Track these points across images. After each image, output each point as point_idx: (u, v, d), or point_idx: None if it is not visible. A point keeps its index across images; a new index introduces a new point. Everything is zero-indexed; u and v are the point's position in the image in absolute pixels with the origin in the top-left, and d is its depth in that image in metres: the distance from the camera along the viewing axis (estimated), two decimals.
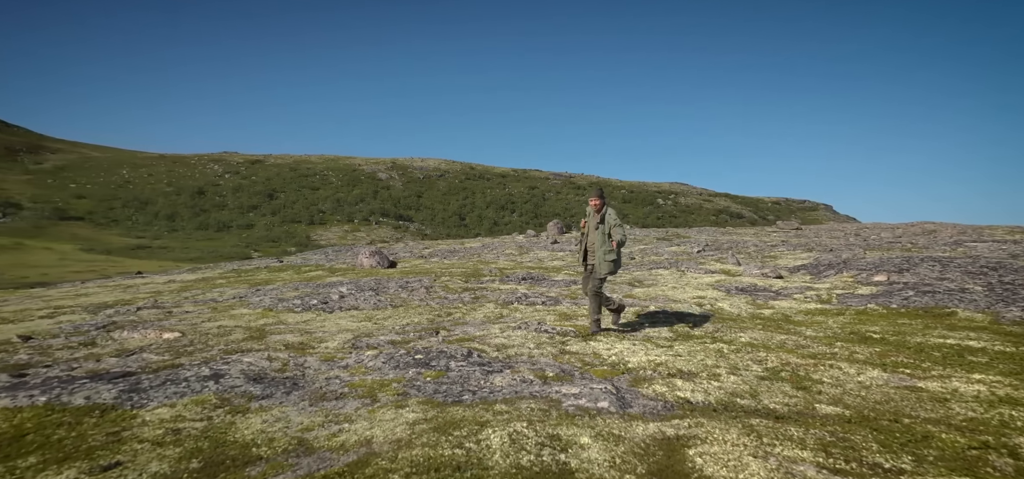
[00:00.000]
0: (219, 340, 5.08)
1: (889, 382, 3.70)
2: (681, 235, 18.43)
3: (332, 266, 12.27)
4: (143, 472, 2.59)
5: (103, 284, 10.78)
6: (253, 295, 7.85)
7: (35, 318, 6.70)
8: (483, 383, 3.91)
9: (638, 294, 7.67)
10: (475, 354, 4.55)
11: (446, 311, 6.61)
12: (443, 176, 74.69)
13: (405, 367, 4.17)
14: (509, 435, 2.92)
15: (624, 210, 66.59)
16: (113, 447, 2.85)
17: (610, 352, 4.70)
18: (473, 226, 61.56)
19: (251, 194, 59.51)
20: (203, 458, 2.75)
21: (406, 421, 3.13)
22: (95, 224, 45.95)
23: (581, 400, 3.57)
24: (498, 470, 2.57)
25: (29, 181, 49.83)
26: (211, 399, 3.51)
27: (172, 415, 3.26)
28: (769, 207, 73.86)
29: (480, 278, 9.45)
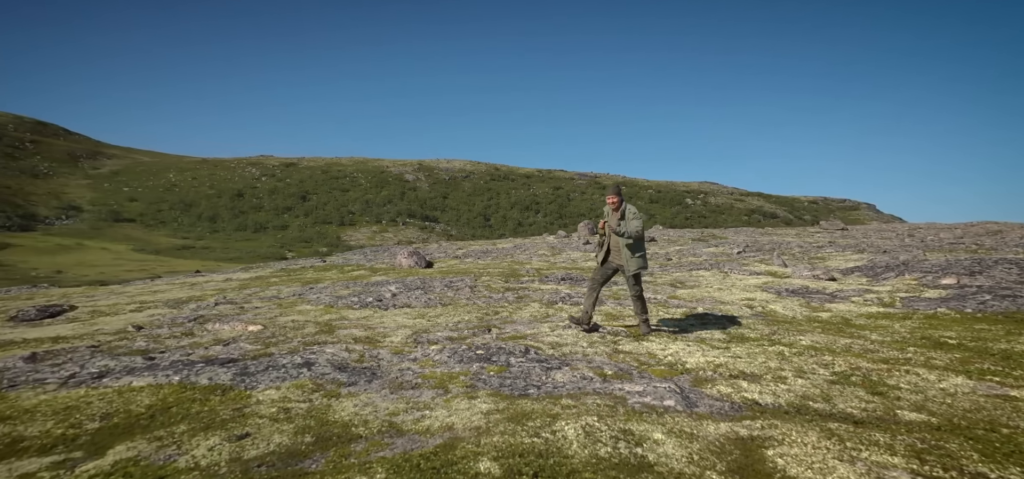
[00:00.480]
0: (296, 333, 5.44)
1: (977, 390, 3.53)
2: (717, 236, 17.95)
3: (372, 266, 12.69)
4: (269, 442, 2.94)
5: (170, 281, 11.58)
6: (310, 293, 8.25)
7: (127, 312, 7.32)
8: (545, 379, 4.00)
9: (683, 295, 7.57)
10: (532, 351, 4.65)
11: (493, 310, 6.75)
12: (468, 177, 75.50)
13: (469, 361, 4.33)
14: (583, 428, 2.99)
15: (651, 210, 65.28)
16: (240, 421, 3.23)
17: (665, 352, 4.68)
18: (498, 227, 61.93)
19: (286, 196, 62.03)
20: (313, 434, 3.06)
21: (480, 411, 3.28)
22: (145, 225, 49.15)
23: (646, 398, 3.60)
24: (579, 459, 2.66)
25: (88, 185, 53.86)
26: (308, 384, 3.83)
27: (279, 396, 3.61)
28: (806, 207, 70.66)
29: (519, 278, 9.56)
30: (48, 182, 51.48)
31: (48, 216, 43.83)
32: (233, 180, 64.04)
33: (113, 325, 6.32)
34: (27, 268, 31.55)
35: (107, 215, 47.52)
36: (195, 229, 52.14)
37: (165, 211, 52.71)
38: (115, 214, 48.28)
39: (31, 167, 53.35)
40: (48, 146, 60.25)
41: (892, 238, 15.15)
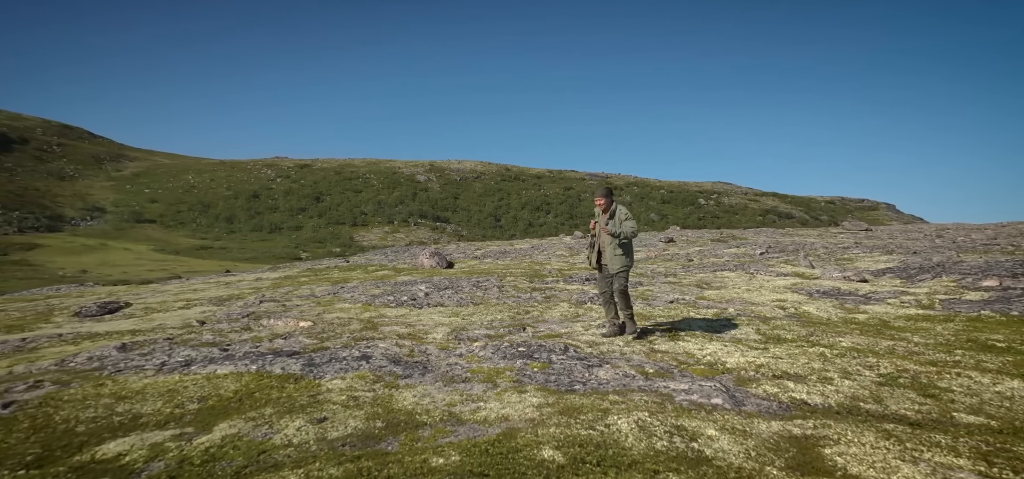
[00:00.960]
0: (343, 329, 5.63)
1: None
2: (737, 236, 17.75)
3: (395, 266, 12.87)
4: (346, 425, 3.16)
5: (206, 281, 11.93)
6: (343, 292, 8.45)
7: (176, 309, 7.60)
8: (588, 375, 4.09)
9: (711, 296, 7.54)
10: (571, 349, 4.73)
11: (524, 309, 6.83)
12: (479, 178, 75.70)
13: (512, 358, 4.44)
14: (635, 422, 3.06)
15: (664, 211, 64.73)
16: (316, 406, 3.45)
17: (703, 352, 4.70)
18: (508, 227, 62.02)
19: (300, 197, 62.95)
20: (383, 420, 3.26)
21: (532, 404, 3.39)
22: (165, 226, 50.37)
23: (693, 396, 3.64)
24: (637, 451, 2.72)
25: (112, 187, 55.38)
26: (368, 375, 4.03)
27: (346, 386, 3.82)
28: (822, 207, 69.31)
29: (543, 279, 9.62)
30: (73, 184, 53.13)
31: (74, 217, 45.25)
32: (249, 181, 65.23)
33: (171, 321, 6.61)
34: (54, 268, 32.63)
35: (129, 216, 48.84)
36: (213, 229, 53.25)
37: (184, 212, 53.95)
38: (137, 215, 49.59)
39: (58, 170, 55.12)
40: (73, 149, 62.19)
41: (920, 239, 14.84)
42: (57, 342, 5.50)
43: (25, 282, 27.91)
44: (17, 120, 63.30)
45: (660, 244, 15.85)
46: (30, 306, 8.79)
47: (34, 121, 65.57)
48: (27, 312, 8.01)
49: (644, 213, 62.65)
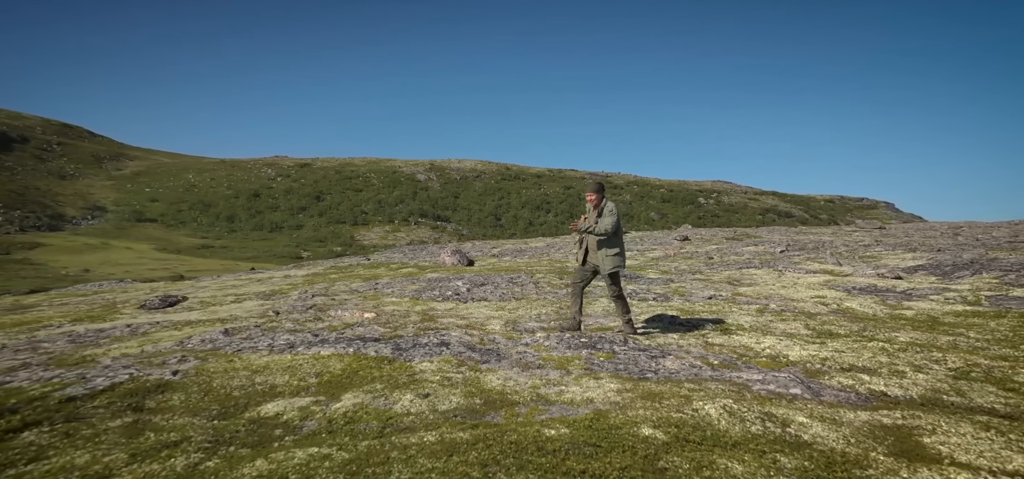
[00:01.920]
0: (405, 320, 5.75)
1: None
2: (751, 235, 17.87)
3: (417, 264, 12.87)
4: (449, 400, 3.34)
5: (238, 278, 11.96)
6: (384, 287, 8.53)
7: (228, 303, 7.64)
8: (655, 365, 4.15)
9: (747, 292, 7.59)
10: (630, 341, 4.80)
11: (567, 304, 6.86)
12: (479, 177, 75.66)
13: (576, 348, 4.51)
14: (722, 408, 3.10)
15: (664, 210, 64.97)
16: (417, 384, 3.64)
17: (760, 346, 4.74)
18: (508, 226, 62.06)
19: (300, 196, 62.66)
20: (479, 397, 3.42)
21: (611, 389, 3.48)
22: (166, 225, 50.00)
23: (769, 385, 3.68)
24: (734, 434, 2.76)
25: (112, 186, 54.91)
26: (452, 360, 4.18)
27: (435, 368, 3.98)
28: (821, 206, 69.82)
29: (565, 276, 9.65)
30: (74, 183, 52.63)
31: (75, 216, 44.83)
32: (250, 180, 64.85)
33: (238, 311, 6.71)
34: (57, 267, 32.32)
35: (130, 215, 48.46)
36: (214, 229, 52.92)
37: (185, 211, 53.57)
38: (138, 214, 49.20)
39: (58, 169, 54.59)
40: (73, 148, 61.59)
41: (937, 237, 14.98)
42: (157, 328, 5.73)
43: (29, 281, 27.62)
44: (17, 119, 62.63)
45: (676, 243, 15.93)
46: (86, 300, 8.79)
47: (34, 120, 64.91)
48: (94, 304, 8.08)
49: (644, 212, 62.85)
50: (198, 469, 2.56)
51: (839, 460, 2.51)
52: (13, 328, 6.18)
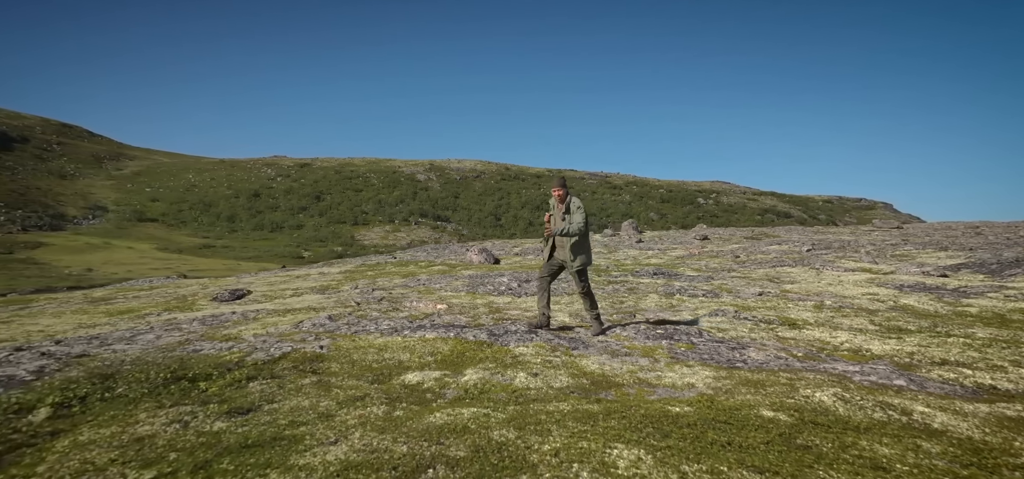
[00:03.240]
0: (475, 312, 5.98)
1: None
2: (769, 234, 18.06)
3: (445, 262, 12.92)
4: (558, 380, 3.60)
5: (275, 275, 12.22)
6: (431, 283, 8.73)
7: (288, 296, 7.82)
8: (738, 355, 4.34)
9: (795, 289, 7.66)
10: (705, 334, 5.03)
11: (619, 299, 7.01)
12: (479, 177, 75.65)
13: (655, 339, 4.76)
14: (833, 396, 3.23)
15: (663, 210, 65.37)
16: (522, 365, 3.93)
17: (836, 340, 4.76)
18: (509, 226, 62.05)
19: (300, 196, 62.25)
20: (585, 378, 3.66)
21: (704, 376, 3.68)
22: (167, 225, 49.47)
23: (870, 377, 3.70)
24: (857, 420, 2.77)
25: (112, 186, 54.25)
26: (544, 346, 4.41)
27: (533, 352, 4.23)
28: (820, 206, 70.61)
29: (609, 273, 9.74)
30: (74, 183, 51.92)
31: (76, 216, 44.25)
32: (250, 180, 64.35)
33: (305, 302, 6.88)
34: (61, 266, 31.89)
35: (131, 215, 47.90)
36: (215, 228, 52.44)
37: (186, 211, 53.04)
38: (139, 214, 48.66)
39: (59, 168, 53.85)
40: (73, 148, 60.76)
41: (960, 236, 15.20)
42: (259, 315, 5.94)
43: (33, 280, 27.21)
44: (16, 119, 61.68)
45: (696, 242, 16.05)
46: (153, 294, 8.89)
47: (33, 120, 63.95)
48: (166, 297, 8.26)
49: (644, 212, 63.15)
50: (393, 416, 3.03)
51: (983, 447, 2.51)
52: (122, 316, 6.46)
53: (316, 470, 2.36)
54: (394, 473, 2.32)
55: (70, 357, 3.96)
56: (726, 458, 2.40)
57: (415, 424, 2.86)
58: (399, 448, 2.55)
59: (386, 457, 2.47)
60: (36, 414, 3.00)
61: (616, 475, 2.23)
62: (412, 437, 2.68)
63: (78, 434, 2.78)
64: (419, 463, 2.41)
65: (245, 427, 2.88)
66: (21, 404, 3.11)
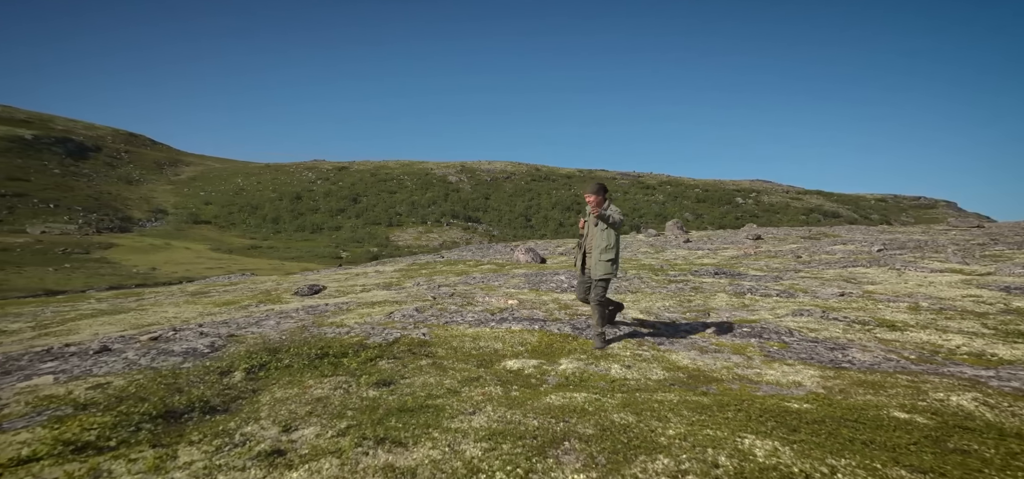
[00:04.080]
0: (546, 308, 6.15)
1: None
2: (827, 234, 17.15)
3: (493, 260, 13.12)
4: (652, 373, 3.76)
5: (345, 272, 12.81)
6: (489, 281, 8.95)
7: (358, 291, 8.29)
8: (842, 356, 4.13)
9: (879, 290, 7.25)
10: (796, 333, 4.93)
11: (686, 298, 6.92)
12: (509, 178, 75.95)
13: (741, 336, 4.76)
14: (974, 400, 2.98)
15: (699, 210, 63.25)
16: (613, 358, 4.05)
17: (949, 342, 4.48)
18: (539, 227, 61.91)
19: (338, 198, 64.68)
20: (680, 372, 3.77)
21: (809, 375, 3.63)
22: (219, 227, 52.78)
23: (1010, 382, 3.48)
24: (1013, 428, 2.64)
25: (172, 190, 58.56)
26: (630, 341, 4.55)
27: (620, 345, 4.44)
28: (872, 205, 66.18)
29: (666, 272, 9.57)
30: (139, 188, 56.47)
31: (141, 219, 48.08)
32: (292, 184, 67.54)
33: (376, 297, 7.27)
34: (129, 265, 34.67)
35: (187, 217, 51.47)
36: (261, 230, 55.39)
37: (235, 213, 56.38)
38: (194, 216, 52.20)
39: (126, 175, 58.80)
40: (138, 155, 66.18)
41: None
42: (354, 307, 6.35)
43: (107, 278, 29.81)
44: (91, 129, 67.98)
45: (748, 242, 15.45)
46: (236, 289, 9.59)
47: (105, 130, 70.21)
48: (252, 291, 8.92)
49: (678, 212, 61.30)
50: (510, 396, 3.25)
51: None
52: (227, 306, 7.07)
53: (469, 433, 2.66)
54: (534, 441, 2.55)
55: (226, 336, 4.54)
56: (876, 456, 2.34)
57: (534, 403, 3.08)
58: (530, 422, 2.79)
59: (522, 428, 2.71)
60: (234, 376, 3.67)
61: (756, 463, 2.26)
62: (537, 414, 2.90)
63: (272, 392, 3.37)
64: (554, 436, 2.61)
65: (393, 396, 3.27)
66: (221, 368, 3.81)
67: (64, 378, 3.65)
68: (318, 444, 2.57)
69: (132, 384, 3.45)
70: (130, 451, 2.57)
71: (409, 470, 2.31)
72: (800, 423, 2.70)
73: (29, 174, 47.73)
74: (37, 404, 3.18)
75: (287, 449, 2.55)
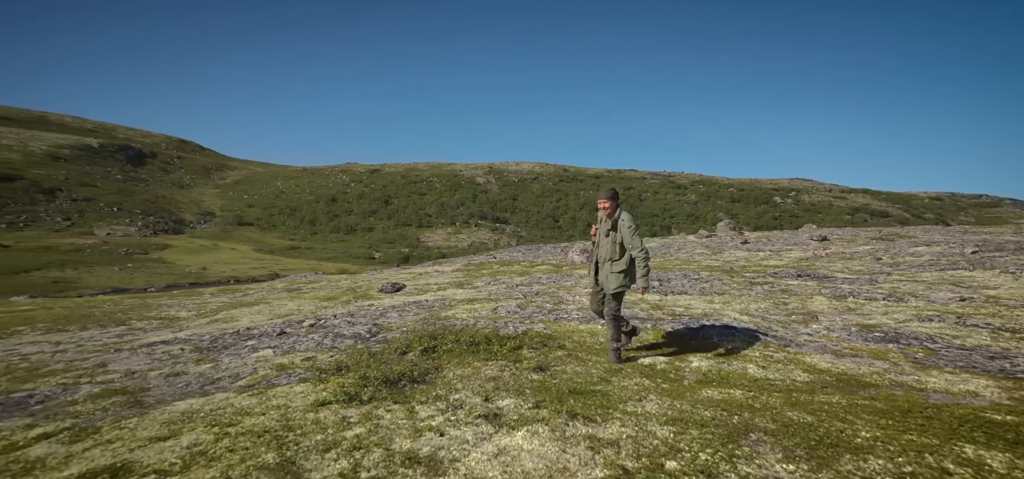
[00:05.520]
0: (636, 307, 6.19)
1: None
2: (900, 234, 16.12)
3: (546, 261, 13.11)
4: (793, 374, 3.71)
5: (409, 271, 13.14)
6: (556, 280, 9.09)
7: (435, 290, 8.55)
8: (1010, 366, 3.85)
9: (1007, 296, 6.68)
10: (938, 339, 4.56)
11: (780, 300, 6.73)
12: (537, 179, 75.76)
13: (873, 341, 4.59)
14: None
15: (733, 210, 61.07)
16: (745, 359, 4.12)
17: None
18: (567, 228, 61.38)
19: (371, 200, 66.32)
20: (828, 376, 3.66)
21: (985, 384, 3.43)
22: (261, 228, 55.16)
23: None
24: None
25: (218, 194, 61.79)
26: (757, 345, 4.51)
27: (743, 344, 4.49)
28: (926, 204, 62.08)
29: (742, 274, 9.28)
30: (189, 192, 59.93)
31: (192, 221, 50.93)
32: (327, 186, 69.81)
33: (467, 294, 7.52)
34: (182, 265, 36.71)
35: (232, 219, 54.08)
36: (299, 231, 57.48)
37: (276, 215, 58.78)
38: (239, 219, 54.80)
39: (178, 179, 62.58)
40: (189, 161, 70.35)
41: None
42: (457, 303, 6.64)
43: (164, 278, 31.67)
44: (148, 137, 72.89)
45: (813, 243, 14.72)
46: (322, 287, 10.04)
47: (160, 137, 75.08)
48: (341, 289, 9.34)
49: (711, 213, 59.37)
50: (661, 386, 3.35)
51: None
52: (330, 301, 7.38)
53: (649, 417, 2.80)
54: (718, 430, 2.62)
55: (372, 325, 4.94)
56: None
57: (693, 396, 3.17)
58: (702, 412, 2.85)
59: (697, 417, 2.79)
60: (411, 355, 4.10)
61: (994, 473, 2.18)
62: (705, 405, 2.97)
63: (451, 370, 3.75)
64: (734, 427, 2.65)
65: (554, 379, 3.48)
66: (399, 347, 4.23)
67: (279, 353, 4.29)
68: (522, 413, 2.92)
69: (336, 358, 4.05)
70: (381, 405, 3.12)
71: (611, 441, 2.54)
72: (1018, 437, 2.54)
73: (96, 180, 51.50)
74: (277, 369, 3.90)
75: (499, 414, 2.93)
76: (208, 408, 3.12)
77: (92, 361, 4.44)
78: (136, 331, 6.08)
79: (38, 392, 3.65)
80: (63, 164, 52.13)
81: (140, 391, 3.59)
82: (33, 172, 47.60)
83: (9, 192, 42.85)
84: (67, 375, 4.05)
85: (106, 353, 4.75)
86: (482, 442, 2.55)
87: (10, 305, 10.08)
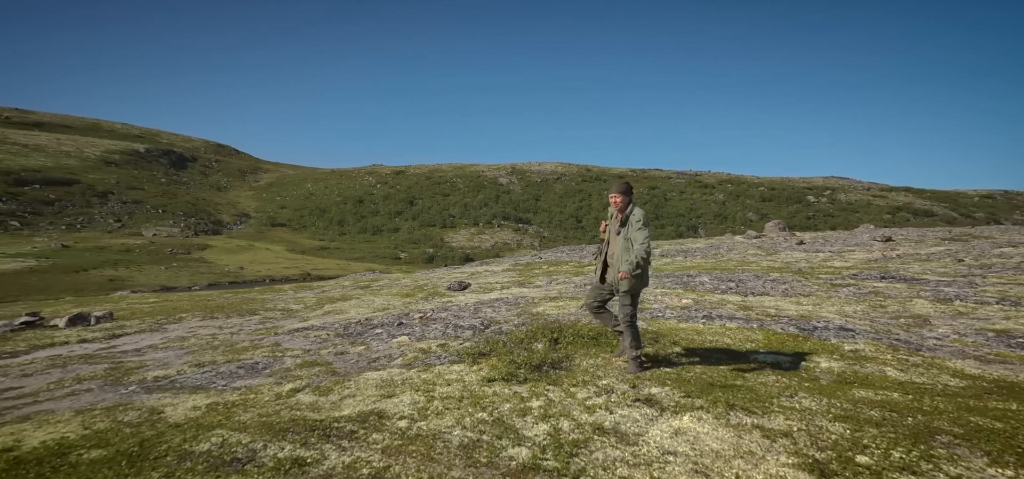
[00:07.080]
0: (720, 308, 6.08)
1: None
2: (973, 234, 15.13)
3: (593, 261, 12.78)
4: (947, 383, 3.49)
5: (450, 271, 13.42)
6: None
7: (498, 290, 8.69)
8: None
9: None
10: None
11: (875, 303, 6.49)
12: (560, 179, 75.32)
13: (1014, 347, 4.33)
14: None
15: (764, 209, 59.06)
16: (872, 360, 3.96)
17: None
18: (590, 228, 60.72)
19: (396, 201, 67.36)
20: (983, 382, 3.47)
21: None
22: (293, 229, 56.81)
23: None
24: None
25: (253, 196, 64.02)
26: (870, 343, 4.36)
27: (862, 346, 4.34)
28: (976, 202, 58.57)
29: (815, 275, 9.00)
30: (226, 194, 62.34)
31: (229, 222, 52.93)
32: (354, 188, 71.28)
33: (537, 293, 7.51)
34: (221, 265, 38.13)
35: (266, 221, 55.92)
36: (328, 232, 58.89)
37: (306, 216, 60.44)
38: (272, 220, 56.61)
39: (216, 182, 65.25)
40: (226, 164, 73.28)
41: None
42: (541, 301, 6.73)
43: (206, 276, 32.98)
44: (188, 142, 76.40)
45: (877, 244, 13.98)
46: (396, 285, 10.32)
47: (199, 142, 78.54)
48: (405, 287, 9.65)
49: (740, 212, 57.57)
50: (804, 385, 3.36)
51: None
52: (410, 297, 7.64)
53: (813, 413, 2.81)
54: (898, 430, 2.57)
55: (480, 318, 5.10)
56: None
57: (845, 395, 3.08)
58: (868, 412, 2.79)
59: (864, 416, 2.74)
60: (538, 345, 4.19)
61: None
62: (867, 406, 2.89)
63: (582, 359, 3.87)
64: (914, 428, 2.58)
65: (688, 372, 3.55)
66: (521, 338, 4.31)
67: (413, 340, 4.52)
68: (676, 400, 2.98)
69: (469, 345, 4.24)
70: (539, 385, 3.26)
71: (781, 432, 2.53)
72: None
73: (143, 183, 54.20)
74: (422, 353, 4.14)
75: (653, 399, 3.01)
76: (399, 378, 3.46)
77: (268, 341, 4.95)
78: (269, 320, 6.60)
79: (255, 362, 4.11)
80: (114, 168, 55.08)
81: (327, 364, 3.97)
82: (89, 176, 50.49)
83: (68, 195, 45.60)
84: (259, 351, 4.51)
85: (268, 336, 5.23)
86: (654, 422, 2.71)
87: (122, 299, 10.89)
